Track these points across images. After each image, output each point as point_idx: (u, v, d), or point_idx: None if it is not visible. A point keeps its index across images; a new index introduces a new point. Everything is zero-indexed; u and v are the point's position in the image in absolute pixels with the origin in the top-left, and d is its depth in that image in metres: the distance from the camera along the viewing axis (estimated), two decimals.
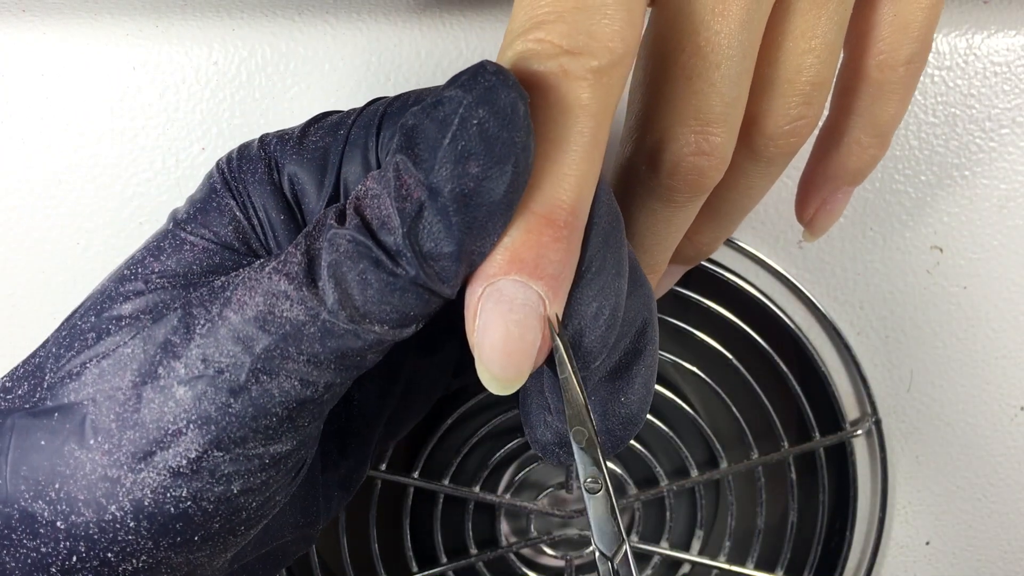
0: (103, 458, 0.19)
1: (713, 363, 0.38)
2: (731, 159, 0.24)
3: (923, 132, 0.35)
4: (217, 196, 0.22)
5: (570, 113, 0.19)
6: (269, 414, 0.19)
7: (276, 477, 0.20)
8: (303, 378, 0.19)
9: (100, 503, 0.19)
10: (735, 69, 0.23)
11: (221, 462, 0.19)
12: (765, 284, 0.37)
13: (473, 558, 0.39)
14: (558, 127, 0.19)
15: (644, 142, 0.24)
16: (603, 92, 0.19)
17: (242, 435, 0.19)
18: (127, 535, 0.19)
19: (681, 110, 0.23)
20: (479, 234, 0.18)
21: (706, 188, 0.25)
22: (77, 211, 0.33)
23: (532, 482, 0.40)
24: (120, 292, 0.21)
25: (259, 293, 0.19)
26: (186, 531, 0.20)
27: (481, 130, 0.18)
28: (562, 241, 0.19)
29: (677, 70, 0.23)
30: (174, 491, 0.19)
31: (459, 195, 0.18)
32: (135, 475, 0.19)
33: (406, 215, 0.18)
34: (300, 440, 0.20)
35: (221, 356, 0.19)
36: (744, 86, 0.23)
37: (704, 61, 0.23)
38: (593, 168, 0.20)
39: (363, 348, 0.19)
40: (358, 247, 0.19)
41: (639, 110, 0.25)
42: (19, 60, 0.32)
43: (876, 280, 0.37)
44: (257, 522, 0.21)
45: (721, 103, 0.23)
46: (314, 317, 0.19)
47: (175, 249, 0.22)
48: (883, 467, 0.38)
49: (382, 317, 0.19)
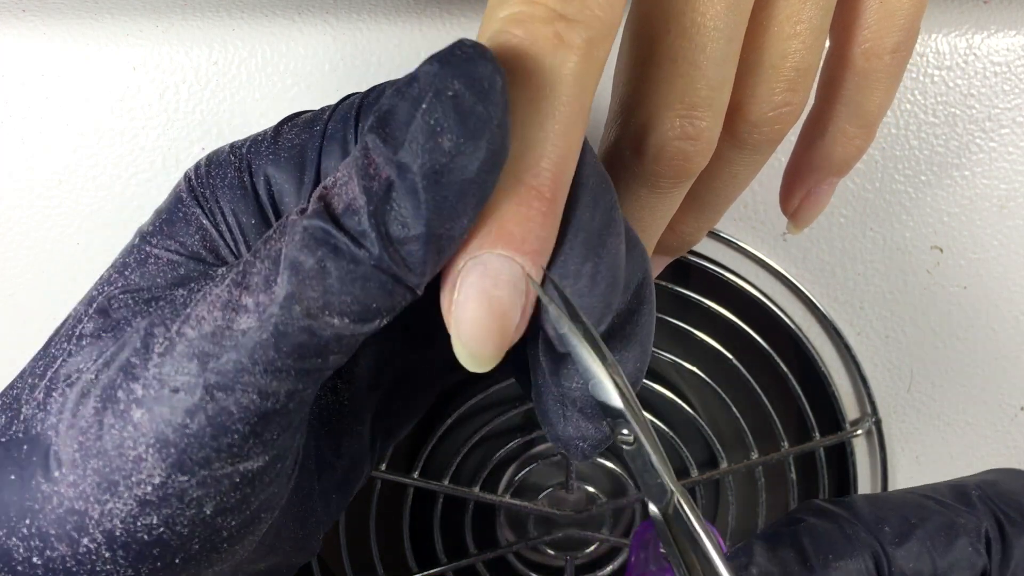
0: (68, 490, 0.18)
1: (713, 363, 0.38)
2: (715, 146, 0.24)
3: (923, 132, 0.35)
4: (183, 206, 0.22)
5: (563, 83, 0.18)
6: (229, 432, 0.18)
7: (254, 494, 0.19)
8: (261, 390, 0.18)
9: (72, 536, 0.18)
10: (721, 52, 0.23)
11: (187, 486, 0.18)
12: (765, 284, 0.37)
13: (473, 558, 0.39)
14: (548, 96, 0.18)
15: (629, 126, 0.24)
16: (593, 64, 0.19)
17: (204, 456, 0.18)
18: (105, 564, 0.19)
19: (666, 93, 0.23)
20: (449, 215, 0.17)
21: (691, 174, 0.24)
22: (77, 211, 0.33)
23: (532, 482, 0.41)
24: (87, 313, 0.20)
25: (215, 305, 0.18)
26: (164, 556, 0.19)
27: (456, 103, 0.17)
28: (549, 215, 0.19)
29: (662, 52, 0.23)
30: (144, 519, 0.18)
31: (429, 171, 0.17)
32: (102, 506, 0.18)
33: (373, 194, 0.17)
34: (273, 455, 0.19)
35: (177, 375, 0.18)
36: (730, 70, 0.23)
37: (690, 43, 0.22)
38: (579, 140, 0.19)
39: (322, 345, 0.18)
40: (316, 233, 0.18)
41: (623, 93, 0.24)
42: (19, 60, 0.32)
43: (876, 280, 0.37)
44: (241, 538, 0.20)
45: (707, 86, 0.23)
46: (266, 321, 0.17)
47: (139, 264, 0.21)
48: (883, 467, 0.38)
49: (342, 309, 0.18)
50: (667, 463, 0.20)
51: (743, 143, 0.25)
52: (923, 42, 0.34)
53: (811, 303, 0.37)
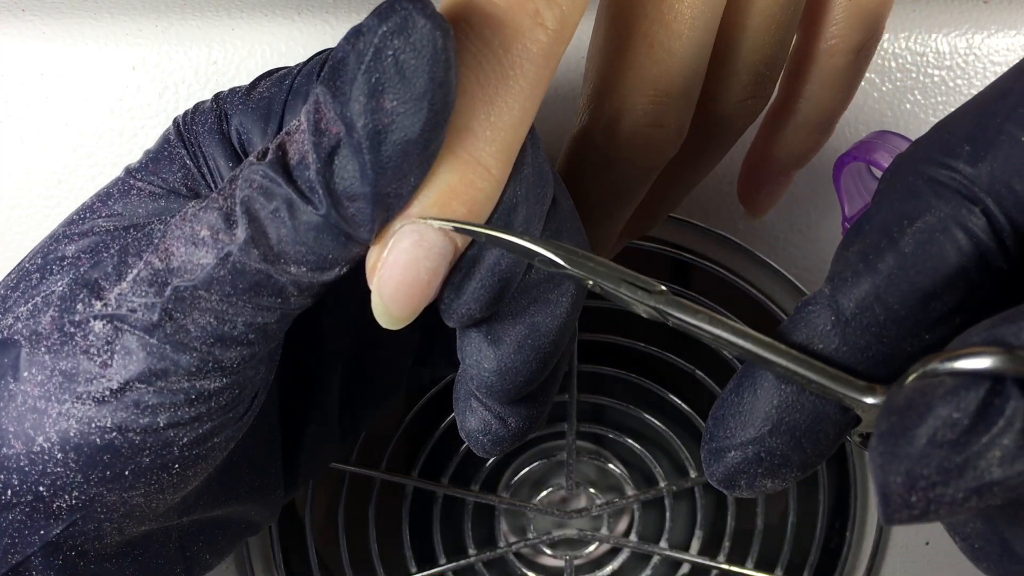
0: (34, 389, 0.19)
1: (713, 363, 0.38)
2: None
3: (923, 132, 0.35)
4: (169, 146, 0.23)
5: (531, 63, 0.18)
6: (188, 349, 0.19)
7: (207, 415, 0.20)
8: (218, 316, 0.19)
9: (28, 435, 0.19)
10: (696, 41, 0.23)
11: (144, 393, 0.19)
12: (765, 284, 0.37)
13: (472, 558, 0.39)
14: (514, 75, 0.18)
15: (601, 111, 0.24)
16: (561, 46, 0.19)
17: (162, 368, 0.19)
18: (55, 467, 0.19)
19: (640, 79, 0.23)
20: (395, 175, 0.17)
21: (662, 161, 0.25)
22: None
23: (531, 482, 0.41)
24: (66, 234, 0.21)
25: (180, 240, 0.19)
26: (114, 464, 0.20)
27: (396, 62, 0.17)
28: (492, 194, 0.19)
29: (638, 37, 0.23)
30: (99, 421, 0.19)
31: (372, 132, 0.17)
32: (60, 406, 0.19)
33: (322, 150, 0.18)
34: (231, 380, 0.20)
35: (135, 297, 0.19)
36: (704, 60, 0.23)
37: (666, 30, 0.22)
38: (530, 121, 0.19)
39: (279, 288, 0.19)
40: (271, 183, 0.18)
41: (597, 77, 0.24)
42: (19, 60, 0.32)
43: None
44: (193, 463, 0.21)
45: (681, 75, 0.23)
46: (224, 258, 0.18)
47: (122, 194, 0.22)
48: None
49: (298, 258, 0.18)
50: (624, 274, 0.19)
51: (708, 133, 0.25)
52: (923, 42, 0.34)
53: None
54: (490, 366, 0.21)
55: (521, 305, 0.21)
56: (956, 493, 0.14)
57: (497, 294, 0.20)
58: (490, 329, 0.21)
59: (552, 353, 0.21)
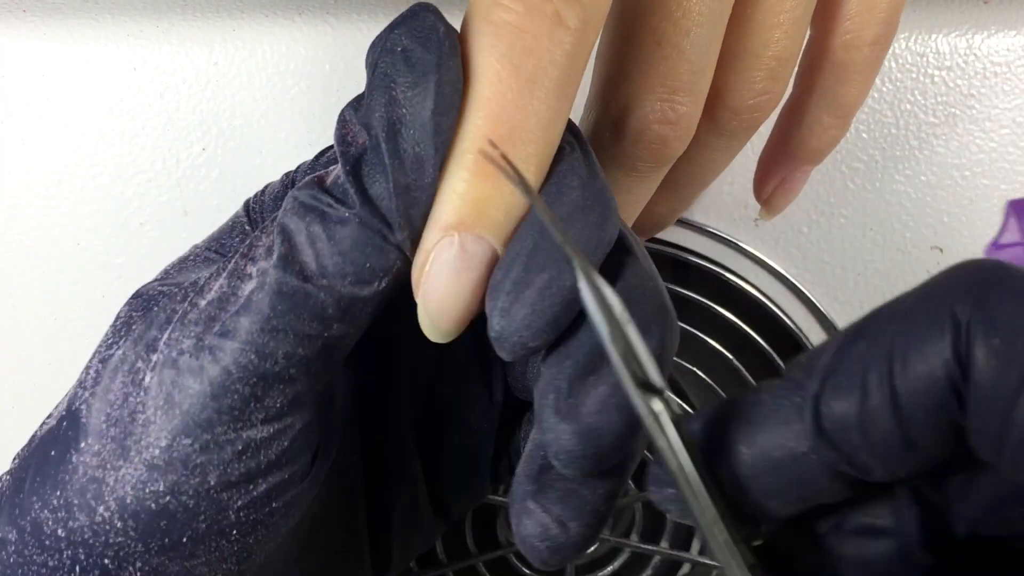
0: (92, 459, 0.19)
1: (713, 363, 0.38)
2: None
3: (923, 132, 0.35)
4: (234, 219, 0.24)
5: (556, 66, 0.18)
6: (229, 392, 0.19)
7: (259, 473, 0.20)
8: (259, 350, 0.18)
9: (90, 505, 0.19)
10: (705, 37, 0.23)
11: (191, 451, 0.19)
12: (765, 284, 0.37)
13: (474, 559, 0.39)
14: (541, 79, 0.18)
15: (609, 107, 0.24)
16: (587, 46, 0.19)
17: (206, 418, 0.19)
18: (117, 536, 0.19)
19: (648, 76, 0.23)
20: (412, 163, 0.18)
21: (670, 158, 0.24)
22: (77, 211, 0.33)
23: None
24: (130, 304, 0.22)
25: (224, 277, 0.19)
26: (171, 530, 0.19)
27: (405, 54, 0.18)
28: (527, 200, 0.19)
29: (646, 34, 0.23)
30: (152, 485, 0.19)
31: (387, 123, 0.18)
32: (116, 472, 0.19)
33: (349, 157, 0.18)
34: (277, 428, 0.20)
35: (184, 339, 0.19)
36: (712, 56, 0.23)
37: (675, 26, 0.22)
38: (564, 125, 0.19)
39: (319, 307, 0.18)
40: (304, 199, 0.19)
41: (605, 73, 0.24)
42: (19, 60, 0.32)
43: (876, 280, 0.37)
44: (252, 529, 0.20)
45: (689, 71, 0.23)
46: (262, 283, 0.18)
47: (181, 262, 0.23)
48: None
49: (335, 270, 0.18)
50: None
51: (722, 129, 0.25)
52: (923, 42, 0.34)
53: (811, 303, 0.37)
54: (569, 429, 0.19)
55: (603, 360, 0.19)
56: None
57: (552, 319, 0.19)
58: (571, 389, 0.19)
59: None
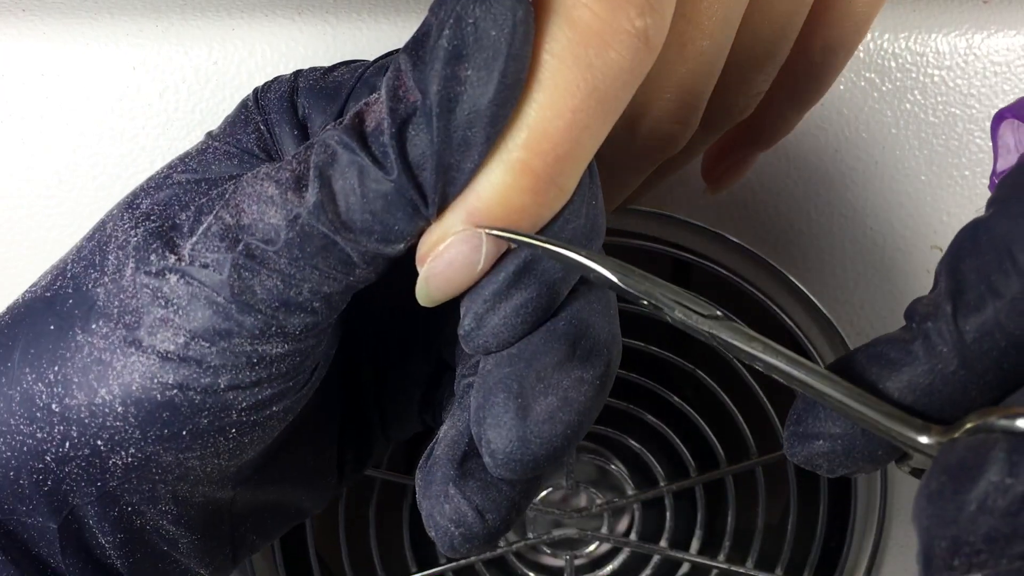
0: (100, 341, 0.20)
1: (713, 363, 0.38)
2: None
3: (923, 132, 0.35)
4: (246, 111, 0.23)
5: (626, 88, 0.18)
6: (252, 310, 0.19)
7: (267, 380, 0.20)
8: (285, 279, 0.19)
9: (91, 386, 0.20)
10: (724, 42, 0.23)
11: (207, 353, 0.19)
12: (765, 284, 0.37)
13: (473, 558, 0.39)
14: (609, 99, 0.18)
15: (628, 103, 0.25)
16: (654, 58, 0.18)
17: (227, 328, 0.19)
18: (115, 420, 0.20)
19: (668, 77, 0.23)
20: (460, 146, 0.18)
21: (672, 153, 0.25)
22: (77, 211, 0.33)
23: None
24: (144, 188, 0.22)
25: (251, 195, 0.19)
26: (172, 422, 0.20)
27: (476, 30, 0.17)
28: (557, 210, 0.19)
29: (674, 36, 0.23)
30: (161, 377, 0.19)
31: (444, 98, 0.17)
32: (126, 358, 0.19)
33: (397, 116, 0.18)
34: (293, 348, 0.20)
35: (208, 252, 0.19)
36: (724, 59, 0.24)
37: (698, 30, 0.23)
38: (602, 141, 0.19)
39: (345, 256, 0.19)
40: (344, 148, 0.18)
41: None
42: (19, 60, 0.32)
43: (876, 280, 0.37)
44: (250, 429, 0.21)
45: (706, 74, 0.23)
46: (293, 220, 0.18)
47: (199, 153, 0.23)
48: (883, 467, 0.38)
49: (365, 227, 0.18)
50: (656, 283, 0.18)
51: (711, 126, 0.26)
52: (923, 42, 0.34)
53: (811, 303, 0.37)
54: (513, 434, 0.19)
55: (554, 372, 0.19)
56: (1000, 559, 0.14)
57: (520, 334, 0.20)
58: (521, 392, 0.19)
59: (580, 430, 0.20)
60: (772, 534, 0.39)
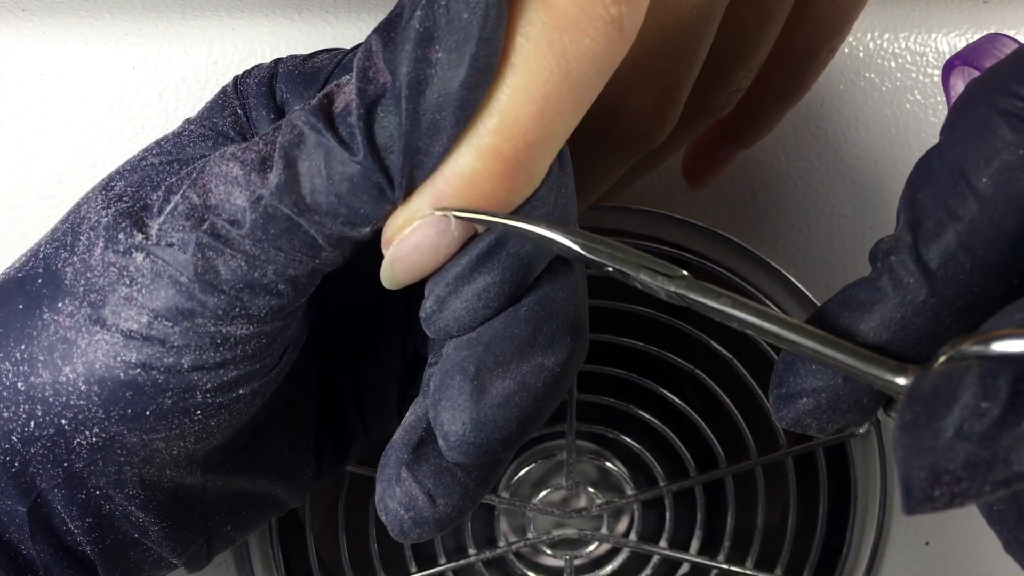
0: (66, 320, 0.20)
1: (713, 363, 0.38)
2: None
3: (923, 132, 0.35)
4: (224, 96, 0.23)
5: (601, 77, 0.18)
6: (216, 290, 0.19)
7: (232, 362, 0.20)
8: (249, 260, 0.19)
9: (56, 364, 0.20)
10: (706, 38, 0.23)
11: (171, 332, 0.19)
12: (765, 284, 0.37)
13: (472, 558, 0.39)
14: (583, 86, 0.18)
15: (604, 98, 0.24)
16: (628, 47, 0.18)
17: (190, 307, 0.19)
18: (79, 399, 0.20)
19: (650, 71, 0.23)
20: (428, 129, 0.17)
21: (651, 148, 0.25)
22: None
23: (531, 482, 0.41)
24: (119, 171, 0.22)
25: (217, 175, 0.19)
26: (136, 402, 0.20)
27: (448, 11, 0.17)
28: (526, 197, 0.19)
29: (654, 28, 0.23)
30: (124, 356, 0.19)
31: (413, 80, 0.17)
32: (90, 336, 0.19)
33: (366, 97, 0.18)
34: (258, 330, 0.20)
35: (173, 231, 0.19)
36: (704, 53, 0.24)
37: (681, 25, 0.23)
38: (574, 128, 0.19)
39: (310, 239, 0.19)
40: (312, 130, 0.18)
41: None
42: (19, 60, 0.32)
43: None
44: (216, 412, 0.21)
45: (687, 69, 0.23)
46: (256, 201, 0.18)
47: (175, 136, 0.23)
48: (883, 467, 0.38)
49: (330, 210, 0.18)
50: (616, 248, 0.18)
51: (692, 120, 0.26)
52: (923, 42, 0.34)
53: (811, 303, 0.37)
54: (467, 416, 0.19)
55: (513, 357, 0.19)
56: (983, 487, 0.14)
57: (481, 319, 0.20)
58: (477, 374, 0.19)
59: (536, 416, 0.20)
60: (772, 534, 0.39)
